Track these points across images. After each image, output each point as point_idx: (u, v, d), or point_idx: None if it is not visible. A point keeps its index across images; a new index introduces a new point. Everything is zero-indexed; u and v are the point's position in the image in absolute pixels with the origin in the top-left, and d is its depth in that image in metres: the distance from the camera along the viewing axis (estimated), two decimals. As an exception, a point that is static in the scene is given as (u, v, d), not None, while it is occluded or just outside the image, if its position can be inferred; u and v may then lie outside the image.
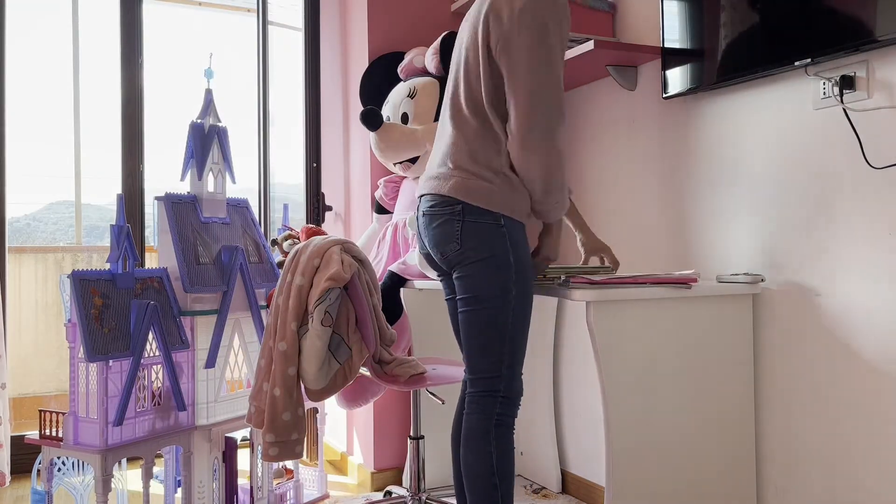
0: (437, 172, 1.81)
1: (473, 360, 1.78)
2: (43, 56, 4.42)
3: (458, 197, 1.73)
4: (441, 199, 1.76)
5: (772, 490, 1.99)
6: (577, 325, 2.66)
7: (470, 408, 1.78)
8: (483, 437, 1.74)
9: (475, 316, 1.74)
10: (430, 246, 1.82)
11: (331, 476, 3.06)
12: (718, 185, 2.13)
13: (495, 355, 1.75)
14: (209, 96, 2.39)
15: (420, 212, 1.85)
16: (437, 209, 1.77)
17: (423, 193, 1.84)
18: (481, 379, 1.77)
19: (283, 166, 3.61)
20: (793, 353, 1.92)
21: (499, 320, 1.73)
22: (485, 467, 1.72)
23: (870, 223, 1.73)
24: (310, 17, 3.35)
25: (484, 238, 1.72)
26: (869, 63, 1.72)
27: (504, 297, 1.72)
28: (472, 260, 1.73)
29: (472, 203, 1.72)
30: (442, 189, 1.76)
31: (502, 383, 1.76)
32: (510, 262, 1.72)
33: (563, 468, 2.74)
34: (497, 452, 1.73)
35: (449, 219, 1.74)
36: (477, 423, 1.75)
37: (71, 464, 2.31)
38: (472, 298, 1.74)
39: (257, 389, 2.05)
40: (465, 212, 1.72)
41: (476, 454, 1.73)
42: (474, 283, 1.73)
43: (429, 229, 1.80)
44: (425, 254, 1.89)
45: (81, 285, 2.01)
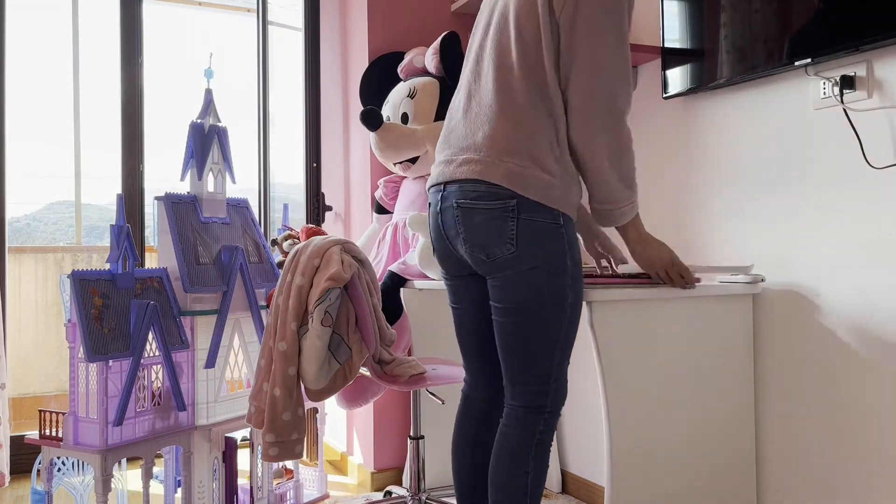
0: (476, 156, 1.54)
1: (517, 374, 1.59)
2: (43, 56, 4.42)
3: (512, 188, 1.49)
4: (488, 190, 1.51)
5: (772, 490, 1.99)
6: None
7: (510, 421, 1.61)
8: (522, 456, 1.57)
9: (524, 327, 1.55)
10: (467, 244, 1.57)
11: (331, 476, 3.06)
12: (718, 185, 2.13)
13: (544, 369, 1.57)
14: (209, 96, 2.39)
15: (449, 202, 1.58)
16: (484, 203, 1.51)
17: (453, 179, 1.57)
18: (526, 393, 1.60)
19: (283, 166, 3.61)
20: (793, 353, 1.92)
21: (551, 331, 1.55)
22: (518, 487, 1.56)
23: (870, 223, 1.73)
24: (310, 17, 3.35)
25: (541, 240, 1.51)
26: (869, 63, 1.72)
27: (559, 306, 1.54)
28: (526, 266, 1.51)
29: (528, 197, 1.49)
30: (490, 176, 1.51)
31: (549, 398, 1.59)
32: (567, 267, 1.53)
33: (563, 468, 2.74)
34: (533, 473, 1.57)
35: (500, 214, 1.50)
36: (518, 440, 1.58)
37: (71, 464, 2.31)
38: (521, 308, 1.54)
39: (257, 389, 2.05)
40: (521, 207, 1.49)
41: (510, 473, 1.57)
42: (525, 291, 1.52)
43: (466, 225, 1.55)
44: (444, 251, 1.69)
45: (81, 285, 2.01)
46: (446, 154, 1.63)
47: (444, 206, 1.61)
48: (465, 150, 1.57)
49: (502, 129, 1.53)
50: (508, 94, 1.54)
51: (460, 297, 1.75)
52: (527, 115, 1.52)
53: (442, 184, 1.61)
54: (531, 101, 1.53)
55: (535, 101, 1.53)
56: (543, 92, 1.53)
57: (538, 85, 1.53)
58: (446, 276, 1.76)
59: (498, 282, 1.56)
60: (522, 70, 1.53)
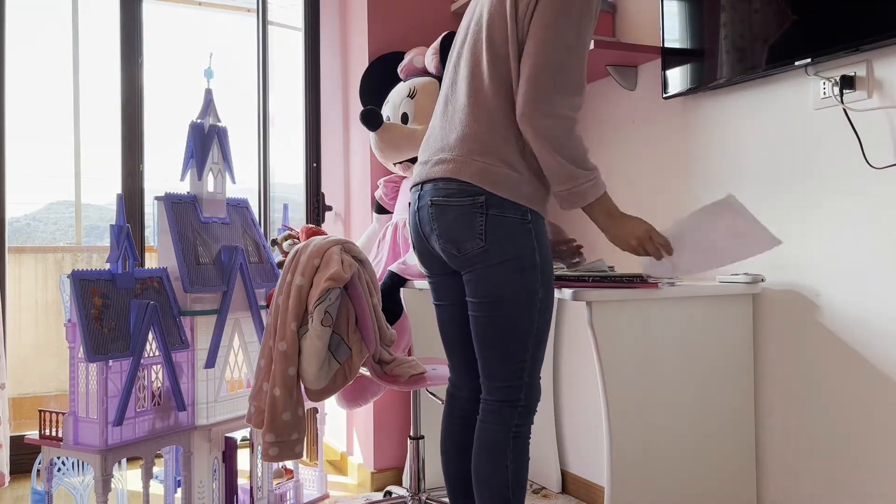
0: (449, 156, 1.61)
1: (492, 368, 1.64)
2: (43, 56, 4.42)
3: (482, 186, 1.55)
4: (459, 188, 1.58)
5: (772, 490, 1.99)
6: (577, 325, 2.66)
7: (486, 416, 1.66)
8: (500, 449, 1.62)
9: (496, 321, 1.60)
10: (441, 240, 1.63)
11: (331, 476, 3.06)
12: (718, 185, 2.13)
13: (517, 363, 1.62)
14: (209, 96, 2.39)
15: (425, 200, 1.65)
16: (455, 199, 1.58)
17: (428, 179, 1.64)
18: (501, 388, 1.64)
19: (283, 166, 3.61)
20: (793, 353, 1.92)
21: (523, 326, 1.60)
22: (500, 481, 1.61)
23: (870, 223, 1.73)
24: (310, 17, 3.35)
25: (510, 235, 1.56)
26: (869, 63, 1.72)
27: (530, 301, 1.58)
28: (495, 260, 1.57)
29: (497, 194, 1.55)
30: (460, 174, 1.57)
31: (523, 392, 1.64)
32: (536, 262, 1.58)
33: (563, 468, 2.74)
34: (513, 466, 1.62)
35: (469, 211, 1.56)
36: (494, 434, 1.63)
37: (71, 464, 2.31)
38: (493, 302, 1.59)
39: (257, 389, 2.05)
40: (489, 204, 1.55)
41: (491, 467, 1.62)
42: (497, 285, 1.58)
43: (439, 221, 1.61)
44: (422, 248, 1.74)
45: (81, 285, 2.01)
46: (424, 156, 1.71)
47: (420, 205, 1.67)
48: (440, 151, 1.65)
49: (473, 129, 1.60)
50: (479, 96, 1.61)
51: (441, 295, 1.80)
52: (496, 116, 1.59)
53: (419, 184, 1.68)
54: (500, 103, 1.59)
55: (504, 103, 1.59)
56: (510, 94, 1.59)
57: (506, 87, 1.59)
58: (427, 273, 1.81)
59: (471, 276, 1.62)
60: (492, 73, 1.60)
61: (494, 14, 1.62)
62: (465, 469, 1.80)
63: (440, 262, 1.73)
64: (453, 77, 1.71)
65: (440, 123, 1.70)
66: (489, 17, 1.63)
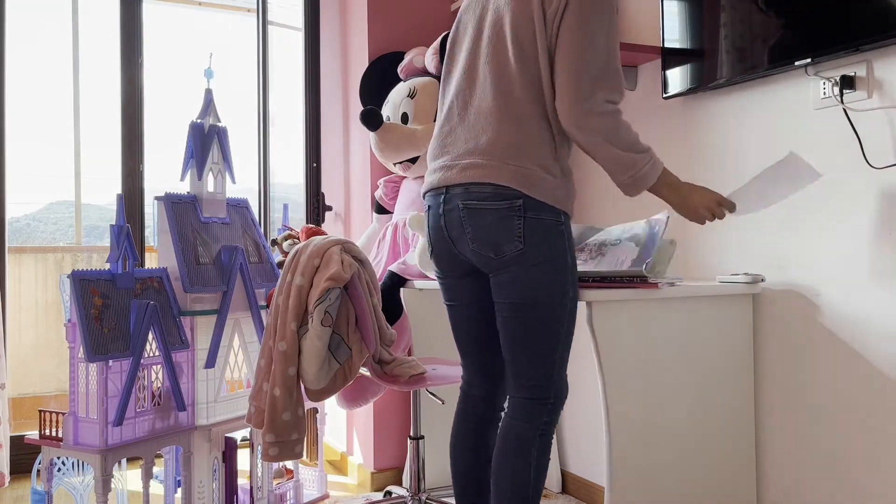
0: (481, 160, 1.60)
1: (522, 367, 1.65)
2: (43, 56, 4.42)
3: (520, 189, 1.56)
4: (494, 191, 1.57)
5: (772, 490, 1.99)
6: (577, 325, 2.66)
7: (514, 413, 1.66)
8: (526, 448, 1.62)
9: (529, 321, 1.61)
10: (474, 243, 1.62)
11: (331, 476, 3.06)
12: (718, 185, 2.13)
13: (548, 363, 1.64)
14: (209, 96, 2.39)
15: (453, 203, 1.63)
16: (491, 203, 1.58)
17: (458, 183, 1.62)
18: (530, 386, 1.65)
19: (283, 166, 3.61)
20: (793, 353, 1.92)
21: (555, 326, 1.62)
22: (522, 480, 1.61)
23: (870, 223, 1.73)
24: (310, 17, 3.35)
25: (547, 237, 1.58)
26: (869, 63, 1.73)
27: (561, 301, 1.61)
28: (532, 262, 1.58)
29: (534, 197, 1.56)
30: (497, 179, 1.57)
31: (552, 390, 1.66)
32: (567, 263, 1.61)
33: (563, 468, 2.74)
34: (536, 464, 1.63)
35: (507, 213, 1.57)
36: (522, 432, 1.63)
37: (71, 464, 2.31)
38: (528, 304, 1.60)
39: (257, 389, 2.05)
40: (527, 207, 1.56)
41: (515, 465, 1.62)
42: (533, 287, 1.59)
43: (473, 224, 1.61)
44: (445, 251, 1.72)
45: (81, 285, 2.01)
46: (444, 160, 1.68)
47: (447, 209, 1.66)
48: (468, 156, 1.63)
49: (505, 134, 1.60)
50: (509, 100, 1.61)
51: (456, 296, 1.80)
52: (528, 119, 1.59)
53: (443, 188, 1.66)
54: (531, 106, 1.60)
55: (535, 106, 1.60)
56: (541, 96, 1.60)
57: (536, 90, 1.60)
58: (442, 275, 1.80)
59: (504, 278, 1.62)
60: (522, 76, 1.60)
61: (518, 15, 1.60)
62: (477, 468, 1.80)
63: (462, 264, 1.72)
64: (468, 79, 1.69)
65: (461, 127, 1.68)
66: (512, 17, 1.61)
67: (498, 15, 1.65)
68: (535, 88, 1.60)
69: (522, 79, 1.59)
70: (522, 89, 1.59)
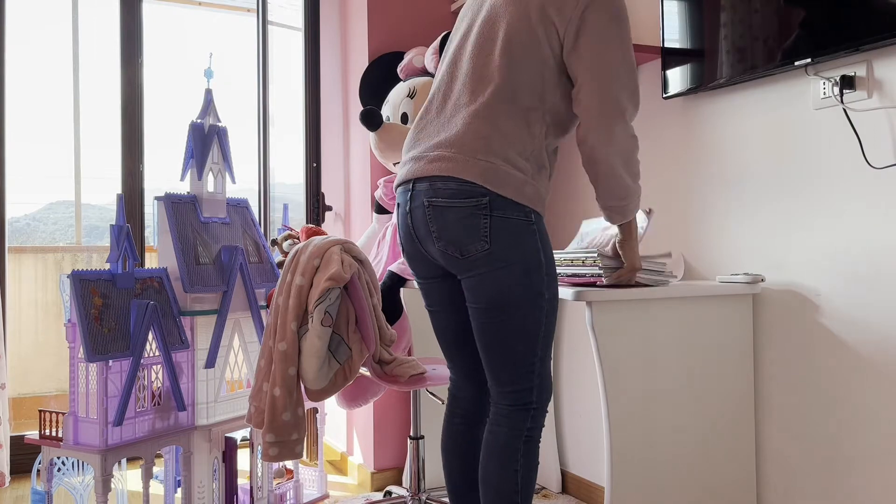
0: (448, 153, 1.55)
1: (501, 373, 1.60)
2: (43, 56, 4.41)
3: (487, 186, 1.50)
4: (460, 188, 1.52)
5: (772, 490, 1.99)
6: (577, 325, 2.66)
7: (498, 420, 1.62)
8: (511, 454, 1.59)
9: (503, 325, 1.55)
10: (440, 242, 1.57)
11: (331, 476, 3.06)
12: (718, 185, 2.13)
13: (527, 366, 1.59)
14: (209, 96, 2.39)
15: (419, 200, 1.58)
16: (457, 200, 1.52)
17: (423, 176, 1.57)
18: (511, 392, 1.61)
19: (283, 166, 3.61)
20: (793, 353, 1.92)
21: (531, 329, 1.56)
22: (509, 486, 1.59)
23: (870, 223, 1.73)
24: (310, 17, 3.35)
25: (515, 237, 1.53)
26: (869, 63, 1.73)
27: (536, 303, 1.55)
28: (500, 263, 1.52)
29: (502, 195, 1.51)
30: (463, 174, 1.51)
31: (534, 394, 1.61)
32: (541, 263, 1.55)
33: (563, 468, 2.74)
34: (523, 471, 1.59)
35: (473, 212, 1.51)
36: (506, 439, 1.60)
37: (71, 464, 2.31)
38: (498, 307, 1.54)
39: (257, 389, 2.05)
40: (493, 205, 1.51)
41: (501, 472, 1.59)
42: (501, 290, 1.53)
43: (438, 223, 1.56)
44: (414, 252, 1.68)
45: (81, 285, 2.01)
46: (416, 151, 1.63)
47: (413, 206, 1.60)
48: (437, 147, 1.58)
49: (476, 128, 1.55)
50: (489, 96, 1.57)
51: (434, 300, 1.75)
52: (504, 115, 1.55)
53: (410, 181, 1.61)
54: (508, 105, 1.56)
55: (515, 107, 1.56)
56: (521, 104, 1.57)
57: (525, 91, 1.57)
58: (418, 277, 1.76)
59: (473, 281, 1.57)
60: (507, 75, 1.57)
61: (514, 18, 1.58)
62: (465, 468, 1.79)
63: (433, 266, 1.68)
64: (451, 73, 1.66)
65: (437, 119, 1.63)
66: (508, 19, 1.59)
67: (493, 13, 1.63)
68: (521, 89, 1.56)
69: (508, 78, 1.56)
70: (505, 88, 1.56)
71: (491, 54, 1.60)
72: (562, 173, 2.80)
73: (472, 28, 1.68)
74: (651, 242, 2.37)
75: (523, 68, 1.57)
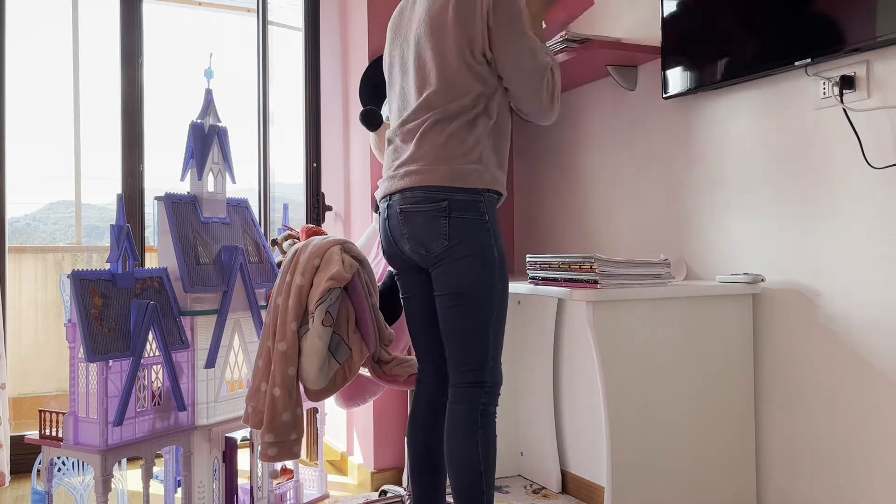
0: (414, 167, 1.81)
1: (460, 354, 1.83)
2: (43, 56, 4.42)
3: (451, 185, 1.76)
4: (425, 195, 1.78)
5: (772, 490, 1.99)
6: (577, 325, 2.66)
7: (456, 399, 1.83)
8: (471, 427, 1.79)
9: (463, 311, 1.79)
10: (410, 242, 1.83)
11: (331, 476, 3.06)
12: (718, 185, 2.13)
13: (481, 348, 1.81)
14: (209, 96, 2.39)
15: (394, 209, 1.85)
16: (422, 206, 1.79)
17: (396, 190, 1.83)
18: (468, 371, 1.82)
19: (283, 166, 3.61)
20: (793, 353, 1.92)
21: (486, 314, 1.79)
22: (472, 456, 1.78)
23: (870, 223, 1.73)
24: (310, 17, 3.35)
25: (470, 234, 1.77)
26: (869, 63, 1.73)
27: (489, 293, 1.79)
28: (458, 255, 1.77)
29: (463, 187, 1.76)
30: (428, 181, 1.78)
31: (487, 374, 1.82)
32: (494, 258, 1.79)
33: (563, 468, 2.74)
34: (482, 441, 1.79)
35: (434, 215, 1.77)
36: (465, 412, 1.81)
37: (71, 464, 2.31)
38: (457, 294, 1.79)
39: (254, 390, 2.04)
40: (451, 208, 1.76)
41: (464, 444, 1.79)
42: (460, 279, 1.78)
43: (409, 225, 1.82)
44: (392, 252, 1.92)
45: (81, 285, 2.01)
46: (389, 171, 1.89)
47: (389, 213, 1.88)
48: (404, 164, 1.84)
49: (430, 138, 1.80)
50: (430, 105, 1.80)
51: (408, 291, 1.99)
52: (449, 120, 1.79)
53: (388, 195, 1.88)
54: (452, 113, 1.79)
55: (455, 112, 1.79)
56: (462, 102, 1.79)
57: (456, 90, 1.79)
58: (396, 272, 2.00)
59: (438, 272, 1.82)
60: (441, 80, 1.79)
61: (433, 29, 1.81)
62: (427, 444, 1.97)
63: (408, 262, 1.92)
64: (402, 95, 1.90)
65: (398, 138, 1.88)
66: (429, 31, 1.81)
67: (416, 38, 1.86)
68: (453, 88, 1.78)
69: (441, 83, 1.79)
70: (441, 92, 1.79)
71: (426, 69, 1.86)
72: (562, 171, 2.80)
73: (406, 48, 1.91)
74: (652, 242, 2.37)
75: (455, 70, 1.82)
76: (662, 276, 1.91)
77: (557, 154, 2.82)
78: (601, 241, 2.58)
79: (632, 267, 1.87)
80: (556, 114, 1.90)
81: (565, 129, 2.78)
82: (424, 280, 1.94)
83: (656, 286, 1.87)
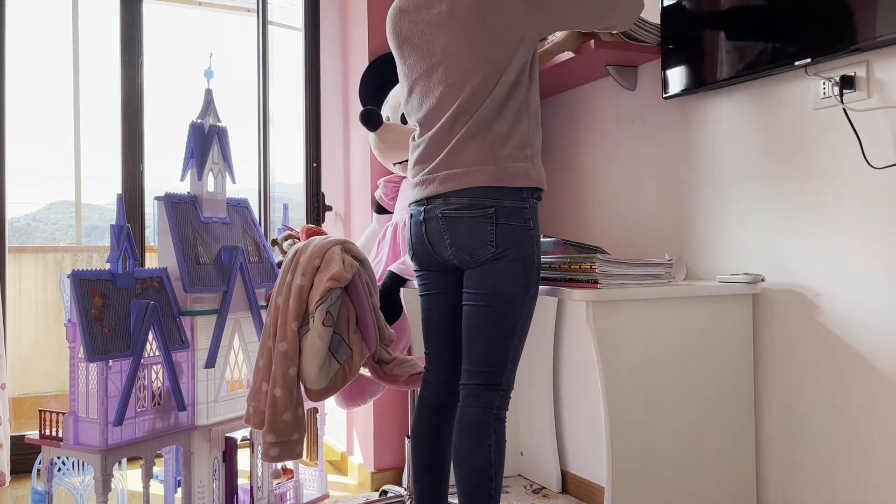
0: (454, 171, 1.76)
1: (480, 353, 1.78)
2: (43, 56, 4.42)
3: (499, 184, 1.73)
4: (470, 201, 1.74)
5: (772, 490, 1.99)
6: (577, 325, 2.66)
7: (468, 401, 1.79)
8: (484, 430, 1.75)
9: (494, 311, 1.76)
10: (453, 248, 1.78)
11: (331, 476, 3.06)
12: (718, 185, 2.13)
13: (504, 351, 1.77)
14: (209, 96, 2.39)
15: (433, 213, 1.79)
16: (467, 212, 1.74)
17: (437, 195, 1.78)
18: (484, 372, 1.78)
19: (283, 166, 3.61)
20: (793, 353, 1.92)
21: (515, 318, 1.76)
22: (483, 460, 1.74)
23: (870, 223, 1.73)
24: (310, 17, 3.35)
25: (517, 240, 1.74)
26: (869, 63, 1.73)
27: (524, 297, 1.76)
28: (503, 260, 1.74)
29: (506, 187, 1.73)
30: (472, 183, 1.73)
31: (504, 377, 1.79)
32: (535, 263, 1.77)
33: (563, 468, 2.74)
34: (495, 447, 1.76)
35: (480, 221, 1.73)
36: (478, 416, 1.77)
37: (71, 464, 2.31)
38: (494, 294, 1.75)
39: (255, 390, 2.04)
40: (498, 214, 1.73)
41: (475, 447, 1.75)
42: (501, 281, 1.74)
43: (452, 231, 1.77)
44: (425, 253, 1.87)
45: (81, 285, 2.01)
46: (423, 175, 1.83)
47: (427, 217, 1.82)
48: (442, 168, 1.78)
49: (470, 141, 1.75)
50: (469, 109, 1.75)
51: (430, 288, 1.94)
52: (490, 123, 1.75)
53: (424, 199, 1.82)
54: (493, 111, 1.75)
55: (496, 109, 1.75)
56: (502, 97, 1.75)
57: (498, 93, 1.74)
58: (420, 269, 1.94)
59: (475, 272, 1.78)
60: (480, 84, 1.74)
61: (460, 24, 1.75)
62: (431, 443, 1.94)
63: (440, 263, 1.86)
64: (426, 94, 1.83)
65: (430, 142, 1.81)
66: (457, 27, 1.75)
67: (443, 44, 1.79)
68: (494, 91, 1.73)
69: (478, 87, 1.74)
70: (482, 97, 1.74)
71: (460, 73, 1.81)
72: (562, 171, 2.80)
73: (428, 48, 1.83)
74: (652, 242, 2.37)
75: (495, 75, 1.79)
76: (662, 276, 1.91)
77: (557, 154, 2.82)
78: (601, 241, 2.58)
79: (632, 267, 1.87)
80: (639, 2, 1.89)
81: (565, 130, 2.78)
82: (452, 279, 1.90)
83: (656, 286, 1.87)
